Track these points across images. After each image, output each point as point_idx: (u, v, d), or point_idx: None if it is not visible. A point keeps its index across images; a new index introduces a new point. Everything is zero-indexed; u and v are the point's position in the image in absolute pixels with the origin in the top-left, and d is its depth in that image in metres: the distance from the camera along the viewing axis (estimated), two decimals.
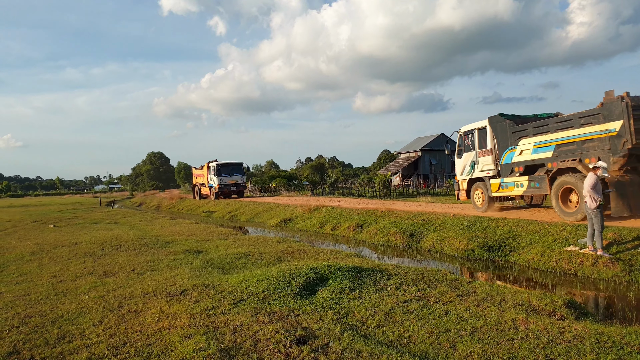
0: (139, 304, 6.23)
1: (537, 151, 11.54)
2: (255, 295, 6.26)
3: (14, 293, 7.29)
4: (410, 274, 7.18)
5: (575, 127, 10.51)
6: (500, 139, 12.70)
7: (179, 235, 14.31)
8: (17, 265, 9.87)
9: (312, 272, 7.00)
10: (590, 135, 10.13)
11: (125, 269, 8.84)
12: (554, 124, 11.12)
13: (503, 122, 12.55)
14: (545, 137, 11.25)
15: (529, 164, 11.81)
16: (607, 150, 9.78)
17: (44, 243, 13.44)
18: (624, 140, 9.43)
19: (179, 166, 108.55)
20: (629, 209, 9.47)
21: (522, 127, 12.02)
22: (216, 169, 31.35)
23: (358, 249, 11.88)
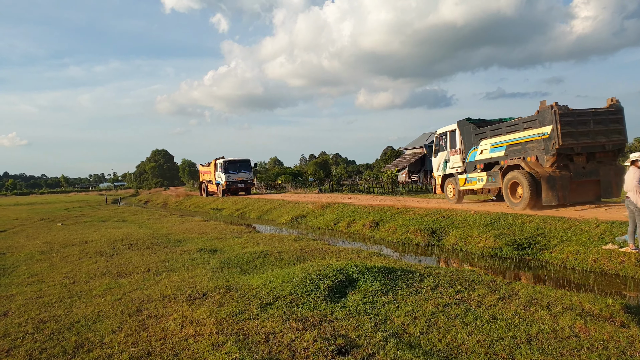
0: (159, 307, 5.86)
1: (493, 150, 13.39)
2: (282, 298, 5.88)
3: (26, 295, 6.95)
4: (443, 275, 6.78)
5: (520, 130, 12.34)
6: (466, 140, 14.58)
7: (191, 233, 13.96)
8: (27, 266, 9.53)
9: (340, 273, 6.61)
10: (530, 137, 11.98)
11: (140, 269, 8.49)
12: (505, 127, 12.94)
13: (468, 126, 14.49)
14: (499, 138, 13.11)
15: (487, 162, 13.71)
16: (542, 150, 11.59)
17: (53, 242, 13.11)
18: (553, 141, 11.26)
19: (184, 163, 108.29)
20: (557, 198, 11.38)
21: (482, 130, 13.84)
22: (223, 165, 30.97)
23: (378, 247, 11.50)
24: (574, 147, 11.44)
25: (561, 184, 11.37)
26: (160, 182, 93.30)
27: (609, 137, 11.65)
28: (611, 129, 11.68)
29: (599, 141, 11.59)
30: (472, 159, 14.35)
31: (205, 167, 35.40)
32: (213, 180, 33.08)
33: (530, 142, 12.00)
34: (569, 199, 11.76)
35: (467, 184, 14.59)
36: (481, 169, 13.99)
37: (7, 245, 12.90)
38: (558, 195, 11.37)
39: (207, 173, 34.53)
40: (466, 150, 14.63)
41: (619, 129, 11.74)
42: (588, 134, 11.48)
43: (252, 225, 18.19)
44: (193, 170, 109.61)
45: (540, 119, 11.68)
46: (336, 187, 40.74)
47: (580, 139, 11.42)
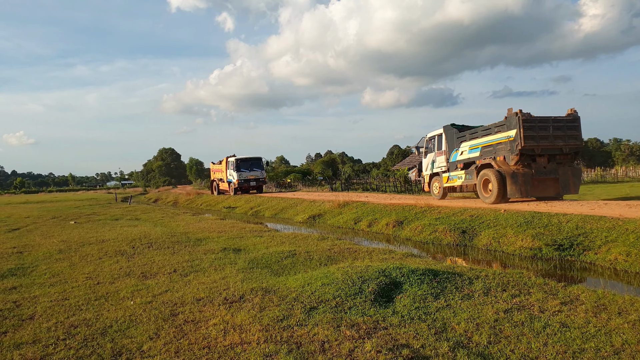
0: (194, 312, 5.50)
1: (470, 152, 15.12)
2: (326, 302, 5.49)
3: (50, 297, 6.61)
4: (492, 278, 6.37)
5: (492, 134, 14.05)
6: (449, 143, 16.32)
7: (209, 232, 13.61)
8: (47, 265, 9.21)
9: (383, 276, 6.22)
10: (500, 139, 13.69)
11: (165, 269, 8.13)
12: (481, 131, 14.66)
13: (451, 130, 16.26)
14: (476, 141, 14.83)
15: (466, 162, 15.42)
16: (509, 150, 13.33)
17: (69, 240, 12.81)
18: (517, 143, 12.96)
19: (191, 162, 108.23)
20: (520, 192, 13.10)
21: (463, 134, 15.55)
22: (235, 164, 30.61)
23: (407, 247, 11.09)
24: (535, 149, 13.08)
25: (523, 180, 13.07)
26: (168, 181, 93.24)
27: (567, 142, 13.38)
28: (569, 135, 13.40)
29: (557, 144, 13.28)
30: (454, 159, 16.10)
31: (216, 166, 35.07)
32: (225, 179, 32.74)
33: (500, 144, 13.73)
34: (531, 193, 13.45)
35: (450, 181, 16.43)
36: (461, 168, 15.71)
37: (23, 243, 12.61)
38: (521, 189, 13.09)
39: (219, 171, 34.20)
40: (449, 151, 16.39)
41: (575, 134, 13.48)
42: (548, 138, 13.16)
43: (269, 224, 17.81)
44: (200, 169, 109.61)
45: (507, 123, 13.34)
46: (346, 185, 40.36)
47: (541, 142, 13.09)
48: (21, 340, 4.81)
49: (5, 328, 5.23)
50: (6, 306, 6.21)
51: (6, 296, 6.84)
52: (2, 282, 7.83)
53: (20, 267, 9.09)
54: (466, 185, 15.60)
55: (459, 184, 15.89)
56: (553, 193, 13.86)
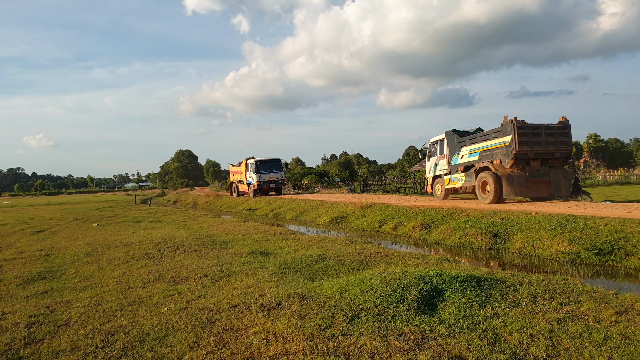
0: (232, 319, 5.36)
1: (470, 156, 16.16)
2: (368, 310, 5.30)
3: (83, 302, 6.53)
4: (536, 284, 6.11)
5: (490, 139, 15.07)
6: (451, 147, 17.38)
7: (233, 234, 13.51)
8: (75, 268, 9.18)
9: (423, 282, 6.01)
10: (497, 144, 14.73)
11: (195, 273, 8.02)
12: (480, 137, 15.73)
13: (453, 135, 17.34)
14: (475, 146, 15.86)
15: (466, 165, 16.44)
16: (505, 154, 14.36)
17: (94, 243, 12.82)
18: (512, 148, 14.05)
19: (207, 164, 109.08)
20: (514, 193, 14.15)
21: (463, 139, 16.53)
22: (255, 165, 30.54)
23: (437, 251, 10.84)
24: (529, 153, 14.15)
25: (518, 182, 14.12)
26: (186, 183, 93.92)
27: (558, 147, 14.45)
28: (560, 141, 14.47)
29: (549, 149, 14.36)
30: (455, 163, 17.15)
31: (235, 167, 34.95)
32: (244, 180, 32.63)
33: (497, 148, 14.77)
34: (525, 194, 14.59)
35: (451, 183, 17.47)
36: (461, 170, 16.76)
37: (49, 246, 12.66)
38: (515, 190, 14.14)
39: (238, 173, 34.08)
40: (451, 155, 17.45)
41: (566, 140, 14.60)
42: (541, 143, 14.23)
43: (292, 227, 17.67)
44: (217, 170, 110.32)
45: (503, 130, 14.42)
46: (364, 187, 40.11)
47: (534, 147, 14.16)
48: (59, 347, 4.72)
49: (41, 335, 5.16)
50: (40, 311, 6.15)
51: (39, 300, 6.79)
52: (33, 286, 7.80)
53: (49, 271, 9.07)
54: (466, 186, 16.64)
55: (459, 185, 17.01)
56: (546, 194, 15.02)
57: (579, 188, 16.85)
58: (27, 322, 5.67)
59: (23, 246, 12.73)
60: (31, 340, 4.98)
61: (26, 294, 7.25)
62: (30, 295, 7.19)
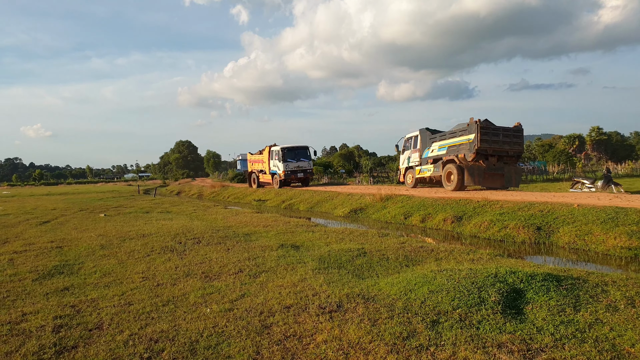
0: (290, 323, 4.68)
1: (439, 150, 18.45)
2: (447, 314, 4.63)
3: (111, 301, 5.84)
4: (621, 284, 5.43)
5: (457, 136, 17.24)
6: (423, 143, 19.91)
7: (253, 226, 12.81)
8: (93, 262, 8.48)
9: (498, 282, 5.33)
10: (462, 141, 16.87)
11: (228, 269, 7.33)
12: (449, 134, 17.92)
13: (426, 132, 19.83)
14: (444, 142, 18.12)
15: (435, 158, 18.85)
16: (468, 149, 16.53)
17: (107, 235, 12.12)
18: (475, 144, 16.19)
19: (208, 155, 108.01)
20: (474, 182, 16.77)
21: (434, 136, 19.04)
22: (281, 153, 27.56)
23: (479, 245, 10.16)
24: (488, 150, 16.38)
25: (477, 173, 16.63)
26: (187, 174, 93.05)
27: (512, 147, 16.79)
28: (514, 142, 16.81)
29: (504, 148, 16.66)
30: (426, 156, 19.67)
31: (255, 156, 31.74)
32: (267, 170, 29.64)
33: (462, 144, 16.90)
34: (483, 184, 17.30)
35: (421, 173, 20.18)
36: (431, 162, 19.28)
37: (59, 237, 11.94)
38: (475, 180, 16.70)
39: (259, 162, 31.01)
40: (423, 149, 19.93)
41: (519, 142, 16.98)
42: (498, 142, 16.52)
43: (312, 219, 16.97)
44: (217, 161, 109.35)
45: (469, 129, 16.58)
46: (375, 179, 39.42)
47: (493, 145, 16.42)
48: (97, 358, 4.04)
49: (73, 341, 4.47)
50: (65, 312, 5.46)
51: (61, 299, 6.10)
52: (50, 282, 7.11)
53: (65, 264, 8.38)
54: (433, 176, 19.31)
55: (428, 175, 19.63)
56: (499, 185, 17.54)
57: (610, 179, 16.25)
58: (54, 325, 4.98)
59: (31, 237, 12.02)
60: (63, 348, 4.30)
61: (45, 291, 6.56)
62: (49, 292, 6.49)
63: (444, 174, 18.05)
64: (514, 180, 17.40)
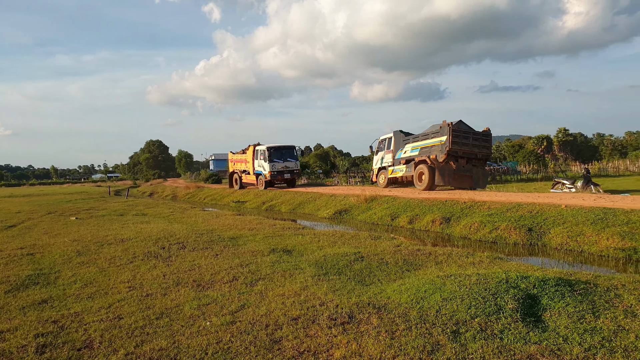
0: (300, 337, 4.36)
1: (412, 151, 19.25)
2: (466, 323, 4.40)
3: (98, 315, 5.39)
4: (631, 287, 5.33)
5: (430, 138, 18.04)
6: (396, 144, 20.70)
7: (238, 229, 12.39)
8: (72, 271, 7.94)
9: (511, 288, 5.15)
10: (434, 143, 17.63)
11: (220, 276, 6.94)
12: (421, 136, 18.77)
13: (399, 134, 20.76)
14: (417, 143, 18.94)
15: (407, 159, 19.67)
16: (440, 151, 17.19)
17: (82, 240, 11.50)
18: (446, 146, 16.87)
19: (180, 154, 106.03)
20: (444, 182, 17.50)
21: (407, 138, 19.94)
22: (267, 153, 26.37)
23: (473, 247, 10.03)
24: (458, 152, 17.07)
25: (447, 173, 17.32)
26: (158, 174, 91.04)
27: (481, 150, 17.59)
28: (483, 145, 17.61)
29: (474, 151, 17.42)
30: (399, 157, 20.42)
31: (238, 155, 30.11)
32: (250, 170, 28.36)
33: (434, 146, 17.65)
34: (452, 184, 17.91)
35: (393, 173, 20.86)
36: (403, 163, 20.05)
37: (29, 243, 11.25)
38: (445, 180, 17.40)
39: (241, 162, 29.55)
40: (396, 151, 20.69)
41: (487, 145, 17.82)
42: (468, 145, 17.23)
43: (298, 221, 16.61)
44: (189, 161, 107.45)
45: (441, 132, 17.32)
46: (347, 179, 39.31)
47: (463, 147, 17.12)
48: None
49: None
50: (47, 328, 4.99)
51: (40, 313, 5.60)
52: (26, 294, 6.58)
53: (40, 274, 7.82)
54: (405, 176, 20.04)
55: (400, 175, 20.36)
56: (468, 186, 18.09)
57: (589, 179, 16.53)
58: (36, 344, 4.52)
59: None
60: None
61: (21, 305, 6.04)
62: (26, 306, 5.98)
63: (415, 174, 18.66)
64: (482, 181, 18.25)
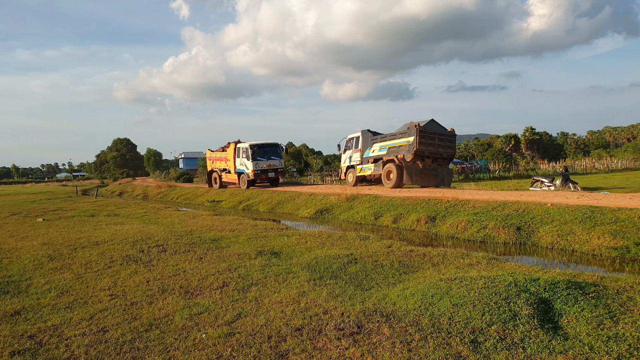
0: (308, 350, 4.04)
1: (380, 150, 19.86)
2: (483, 332, 4.16)
3: (79, 328, 4.93)
4: (638, 289, 5.22)
5: (398, 138, 18.75)
6: (364, 144, 21.25)
7: (218, 230, 11.94)
8: (44, 278, 7.38)
9: (522, 292, 4.95)
10: (402, 143, 18.38)
11: (209, 282, 6.53)
12: (390, 136, 19.48)
13: (367, 134, 21.24)
14: (385, 143, 19.60)
15: (376, 158, 20.20)
16: (407, 151, 17.97)
17: (53, 243, 10.85)
18: (414, 147, 17.65)
19: (149, 153, 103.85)
20: (411, 181, 18.36)
21: (375, 137, 20.51)
22: (250, 151, 25.02)
23: (464, 247, 9.88)
24: (425, 152, 17.93)
25: (414, 172, 18.17)
26: (126, 173, 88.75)
27: (446, 150, 18.46)
28: (448, 145, 18.44)
29: (439, 151, 18.29)
30: (367, 156, 20.94)
31: (217, 153, 28.63)
32: (231, 169, 26.91)
33: (402, 146, 18.38)
34: (419, 182, 18.74)
35: (362, 171, 21.41)
36: (372, 162, 20.56)
37: None
38: (412, 178, 18.25)
39: (221, 160, 28.05)
40: (364, 150, 21.22)
41: (452, 146, 18.68)
42: (434, 145, 18.07)
43: (279, 221, 16.19)
44: (159, 160, 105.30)
45: (409, 132, 18.07)
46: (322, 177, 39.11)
47: (429, 148, 17.95)
48: None
49: None
50: (24, 345, 4.51)
51: (14, 327, 5.10)
52: None
53: (9, 281, 7.24)
54: (374, 174, 20.55)
55: (368, 173, 20.89)
56: (433, 184, 18.85)
57: (568, 177, 16.76)
58: None
59: None
60: None
61: None
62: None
63: (384, 172, 19.16)
64: (446, 180, 19.14)
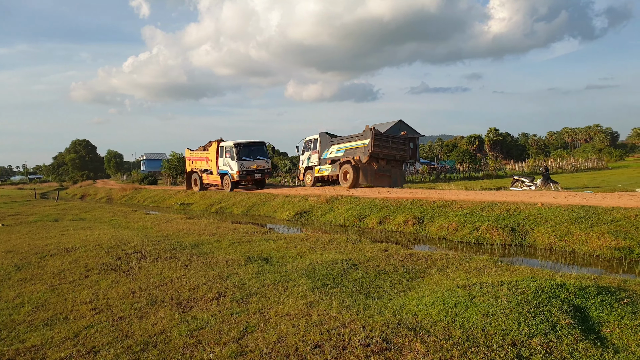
0: None
1: (337, 152, 20.76)
2: (524, 344, 3.81)
3: (64, 349, 4.31)
4: None
5: (354, 141, 19.66)
6: (322, 145, 21.98)
7: (197, 235, 11.29)
8: (14, 290, 6.64)
9: (552, 298, 4.65)
10: (358, 145, 19.26)
11: (203, 292, 5.97)
12: (346, 139, 20.38)
13: (325, 136, 22.15)
14: (342, 145, 20.47)
15: (333, 159, 21.04)
16: (363, 152, 18.88)
17: (18, 250, 9.99)
18: (369, 149, 18.54)
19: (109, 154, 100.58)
20: (367, 181, 19.27)
21: (333, 139, 21.37)
22: (235, 150, 23.23)
23: (460, 249, 9.61)
24: (379, 154, 18.93)
25: (370, 173, 19.21)
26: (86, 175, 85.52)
27: (399, 152, 19.66)
28: (400, 148, 19.68)
29: (392, 153, 19.43)
30: (325, 157, 21.70)
31: (197, 153, 26.78)
32: (214, 170, 25.11)
33: (358, 148, 19.26)
34: (374, 183, 19.40)
35: (320, 172, 22.10)
36: (329, 163, 21.34)
37: None
38: (367, 179, 19.23)
39: (202, 160, 26.29)
40: (322, 151, 21.94)
41: (404, 148, 19.89)
42: (388, 148, 19.19)
43: (265, 225, 15.57)
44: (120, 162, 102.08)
45: (364, 135, 18.99)
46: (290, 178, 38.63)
47: (383, 150, 19.00)
48: None
49: None
50: None
51: None
52: None
53: None
54: (331, 175, 21.32)
55: (326, 174, 21.63)
56: (387, 184, 19.63)
57: (549, 177, 16.90)
58: None
59: None
60: None
61: None
62: None
63: (341, 173, 20.10)
64: (399, 180, 20.25)
